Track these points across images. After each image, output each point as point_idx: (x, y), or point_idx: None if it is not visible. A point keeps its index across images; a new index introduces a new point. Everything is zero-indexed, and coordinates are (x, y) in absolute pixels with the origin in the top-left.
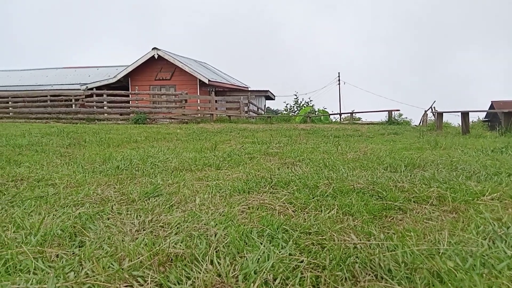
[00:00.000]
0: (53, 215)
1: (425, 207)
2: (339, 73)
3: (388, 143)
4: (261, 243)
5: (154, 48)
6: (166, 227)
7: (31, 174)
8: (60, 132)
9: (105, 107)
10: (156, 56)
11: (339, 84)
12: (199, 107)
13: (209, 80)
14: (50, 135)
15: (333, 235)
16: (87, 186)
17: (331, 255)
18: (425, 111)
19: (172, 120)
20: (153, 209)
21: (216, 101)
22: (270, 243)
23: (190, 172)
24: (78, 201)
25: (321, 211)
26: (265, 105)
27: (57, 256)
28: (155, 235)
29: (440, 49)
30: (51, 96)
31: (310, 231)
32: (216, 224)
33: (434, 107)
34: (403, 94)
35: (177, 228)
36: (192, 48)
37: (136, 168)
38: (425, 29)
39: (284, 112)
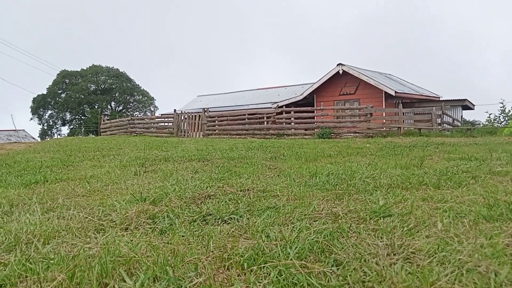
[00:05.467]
0: (293, 227)
1: None
2: None
3: None
4: None
5: (339, 64)
6: (419, 253)
7: (253, 185)
8: (260, 146)
9: (292, 123)
10: (340, 72)
11: None
12: (384, 121)
13: (395, 92)
14: (253, 149)
15: None
16: (306, 199)
17: None
18: None
19: (357, 134)
20: (391, 231)
21: (403, 114)
22: None
23: (407, 190)
24: (309, 215)
25: None
26: (461, 116)
27: (323, 273)
28: (409, 261)
29: None
30: (248, 114)
31: None
32: (486, 258)
33: None
34: None
35: (434, 257)
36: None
37: (347, 184)
38: None
39: (486, 123)
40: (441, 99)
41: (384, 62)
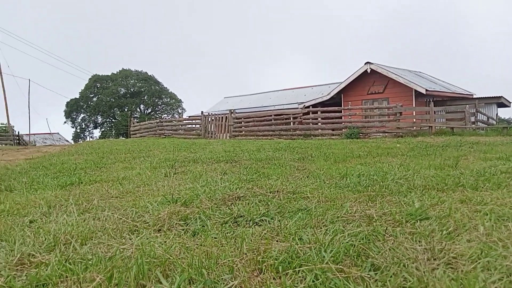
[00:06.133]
0: (326, 230)
1: None
2: None
3: None
4: None
5: (367, 63)
6: (461, 258)
7: (283, 186)
8: (287, 147)
9: (319, 123)
10: (368, 71)
11: None
12: (414, 120)
13: (426, 90)
14: (280, 150)
15: None
16: (338, 201)
17: None
18: None
19: (386, 134)
20: (430, 234)
21: (434, 112)
22: None
23: (443, 192)
24: (342, 217)
25: None
26: (496, 114)
27: (361, 278)
28: (451, 267)
29: None
30: (274, 115)
31: None
32: None
33: None
34: None
35: (477, 262)
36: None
37: (379, 185)
38: None
39: None
40: (474, 96)
41: (410, 61)
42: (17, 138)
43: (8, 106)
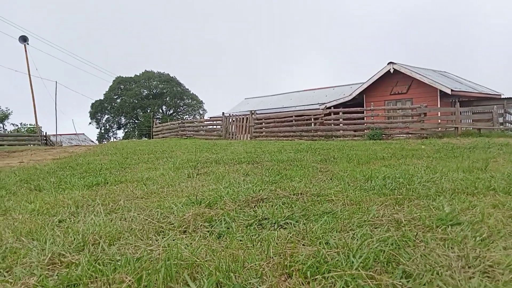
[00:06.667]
0: (353, 234)
1: None
2: None
3: None
4: None
5: (390, 63)
6: (497, 267)
7: (306, 188)
8: (309, 148)
9: (340, 124)
10: (391, 71)
11: None
12: (439, 120)
13: (451, 90)
14: (301, 151)
15: None
16: (364, 204)
17: None
18: None
19: (410, 135)
20: (462, 240)
21: (460, 113)
22: None
23: (473, 196)
24: (369, 221)
25: None
26: None
27: (393, 285)
28: (488, 276)
29: None
30: (295, 116)
31: None
32: None
33: None
34: None
35: None
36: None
37: (406, 188)
38: None
39: None
40: (502, 96)
41: (433, 61)
42: (45, 138)
43: (36, 107)
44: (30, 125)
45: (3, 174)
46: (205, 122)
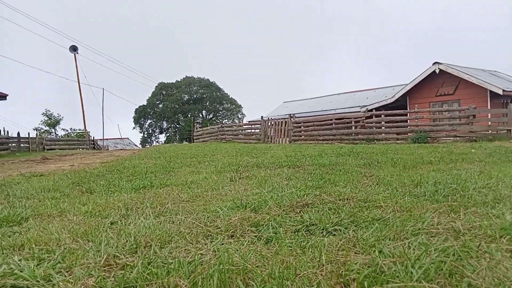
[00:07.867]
0: (408, 243)
1: None
2: None
3: None
4: None
5: (435, 63)
6: None
7: (352, 194)
8: (350, 152)
9: (382, 127)
10: (437, 71)
11: None
12: (490, 123)
13: (503, 91)
14: (343, 155)
15: None
16: (415, 211)
17: None
18: None
19: (457, 138)
20: None
21: None
22: None
23: None
24: (424, 229)
25: None
26: None
27: None
28: None
29: None
30: (335, 119)
31: None
32: None
33: None
34: None
35: None
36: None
37: (460, 195)
38: None
39: None
40: None
41: (481, 61)
42: (92, 143)
43: (85, 113)
44: (79, 130)
45: (56, 177)
46: (244, 126)
